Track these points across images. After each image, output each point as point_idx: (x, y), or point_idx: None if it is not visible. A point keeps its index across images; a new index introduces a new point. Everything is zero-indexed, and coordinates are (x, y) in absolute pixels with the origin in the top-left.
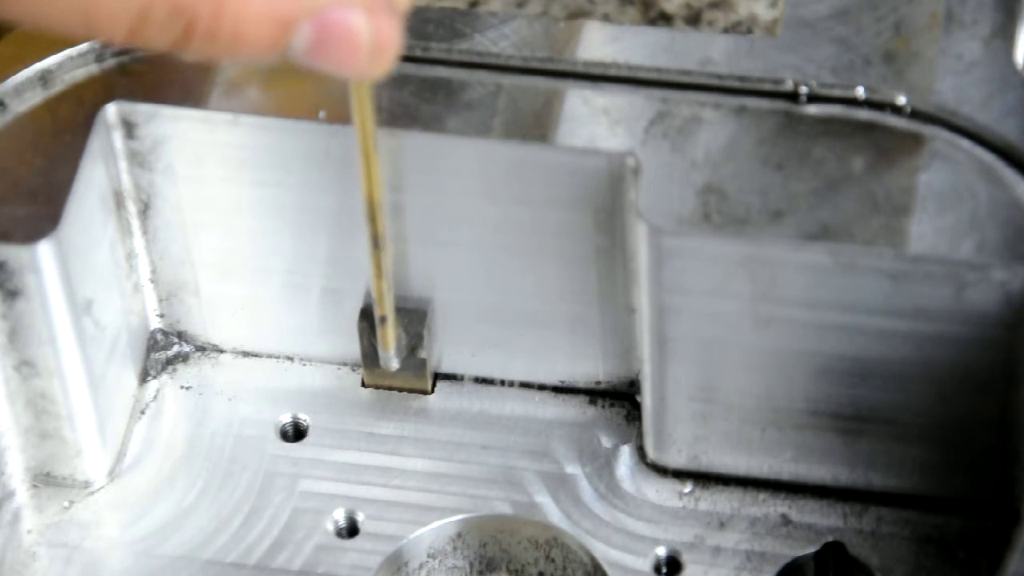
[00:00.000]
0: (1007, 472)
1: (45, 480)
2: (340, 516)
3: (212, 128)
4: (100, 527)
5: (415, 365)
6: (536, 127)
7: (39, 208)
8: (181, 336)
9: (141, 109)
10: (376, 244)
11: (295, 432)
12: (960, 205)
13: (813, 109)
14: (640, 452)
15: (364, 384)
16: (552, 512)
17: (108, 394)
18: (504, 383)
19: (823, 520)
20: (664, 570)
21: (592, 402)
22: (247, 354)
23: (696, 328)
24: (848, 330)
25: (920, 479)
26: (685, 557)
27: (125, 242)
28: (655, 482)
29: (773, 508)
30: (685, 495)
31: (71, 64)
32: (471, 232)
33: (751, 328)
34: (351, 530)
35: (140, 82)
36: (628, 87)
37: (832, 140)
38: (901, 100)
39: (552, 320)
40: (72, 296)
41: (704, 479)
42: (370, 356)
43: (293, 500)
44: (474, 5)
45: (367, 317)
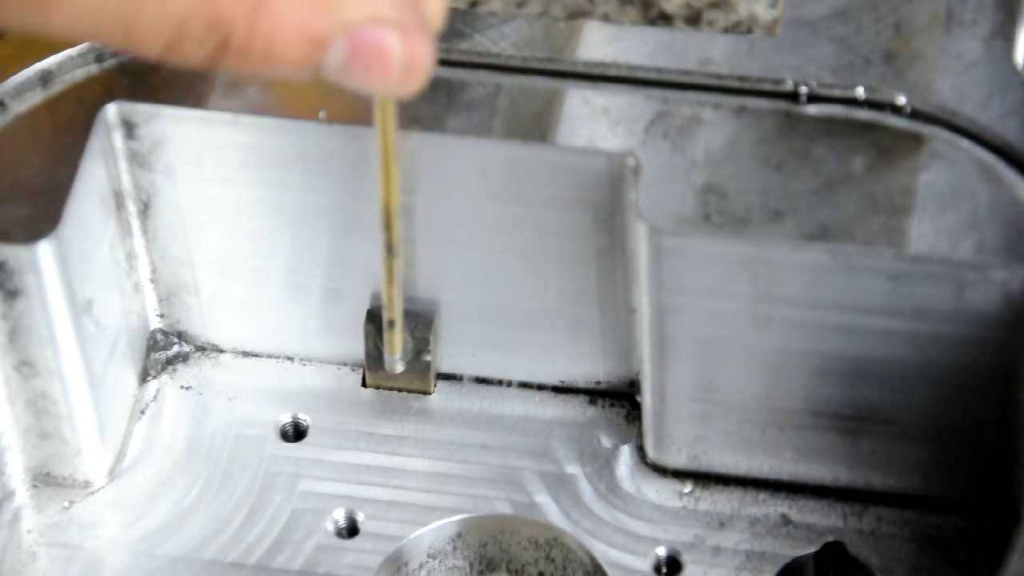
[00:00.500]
0: (1007, 472)
1: (45, 480)
2: (340, 516)
3: (212, 128)
4: (100, 527)
5: (419, 368)
6: (536, 127)
7: (39, 208)
8: (181, 336)
9: (141, 109)
10: (390, 251)
11: (295, 432)
12: (960, 205)
13: (813, 109)
14: (640, 452)
15: (365, 384)
16: (552, 512)
17: (108, 394)
18: (504, 383)
19: (823, 520)
20: (664, 570)
21: (592, 402)
22: (247, 354)
23: (696, 328)
24: (848, 330)
25: (920, 479)
26: (685, 557)
27: (125, 242)
28: (655, 482)
29: (773, 508)
30: (685, 495)
31: (71, 64)
32: (471, 232)
33: (751, 328)
34: (351, 530)
35: (140, 82)
36: (628, 87)
37: (832, 140)
38: (901, 100)
39: (552, 320)
40: (72, 296)
41: (704, 479)
42: (374, 358)
43: (293, 500)
44: (474, 5)
45: (373, 320)
